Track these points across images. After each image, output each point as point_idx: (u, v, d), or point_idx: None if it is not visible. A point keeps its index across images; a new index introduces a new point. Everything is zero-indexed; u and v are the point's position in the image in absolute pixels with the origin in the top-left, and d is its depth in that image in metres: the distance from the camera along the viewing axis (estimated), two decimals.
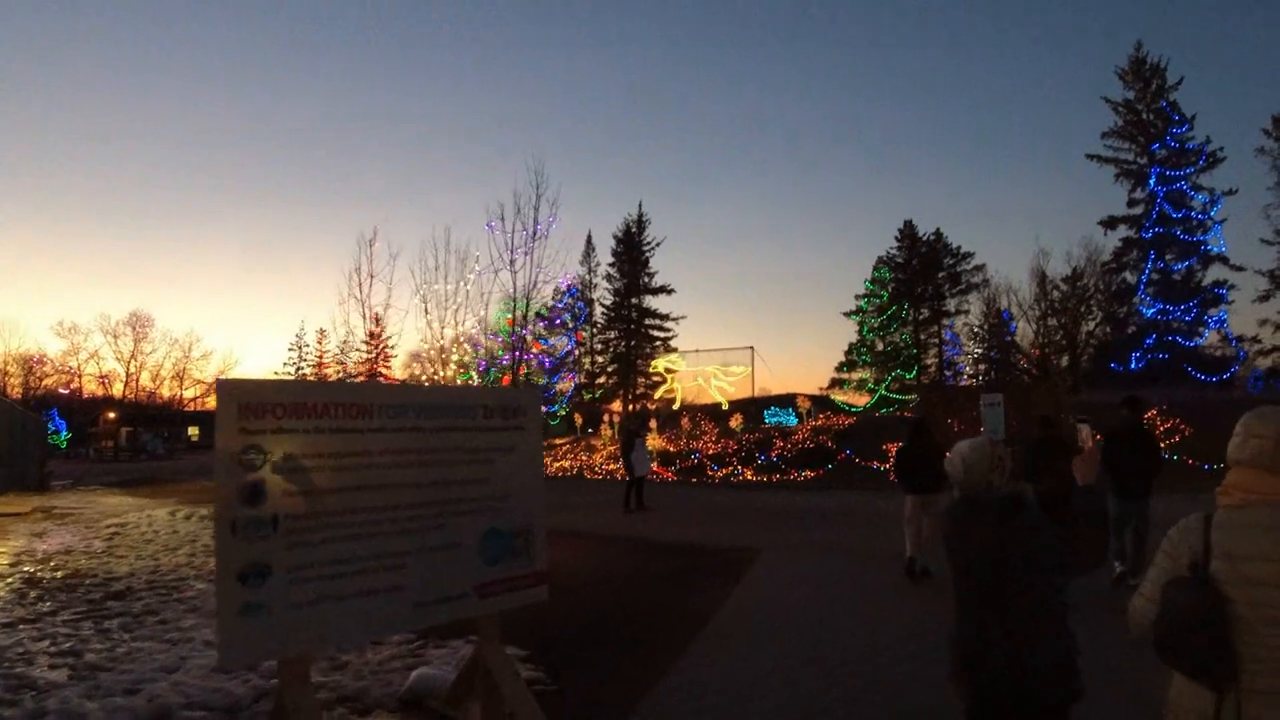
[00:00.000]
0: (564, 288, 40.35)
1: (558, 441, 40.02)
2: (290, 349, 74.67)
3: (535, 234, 9.10)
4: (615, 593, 9.52)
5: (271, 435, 4.50)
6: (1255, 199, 65.20)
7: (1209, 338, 35.46)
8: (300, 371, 70.31)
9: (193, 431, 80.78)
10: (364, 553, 4.68)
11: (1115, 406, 10.03)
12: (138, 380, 66.35)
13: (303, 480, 4.55)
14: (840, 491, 21.37)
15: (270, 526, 4.39)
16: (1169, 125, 37.53)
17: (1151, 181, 37.02)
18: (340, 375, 79.39)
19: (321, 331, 67.61)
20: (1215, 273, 36.57)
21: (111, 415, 64.86)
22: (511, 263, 9.40)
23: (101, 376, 65.67)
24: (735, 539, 13.23)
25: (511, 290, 9.29)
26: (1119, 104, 39.74)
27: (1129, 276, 38.92)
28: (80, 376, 66.04)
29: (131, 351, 63.08)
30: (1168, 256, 36.69)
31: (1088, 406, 23.98)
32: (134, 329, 62.66)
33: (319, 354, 72.43)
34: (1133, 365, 34.45)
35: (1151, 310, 35.94)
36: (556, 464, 33.94)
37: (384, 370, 76.70)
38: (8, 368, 62.87)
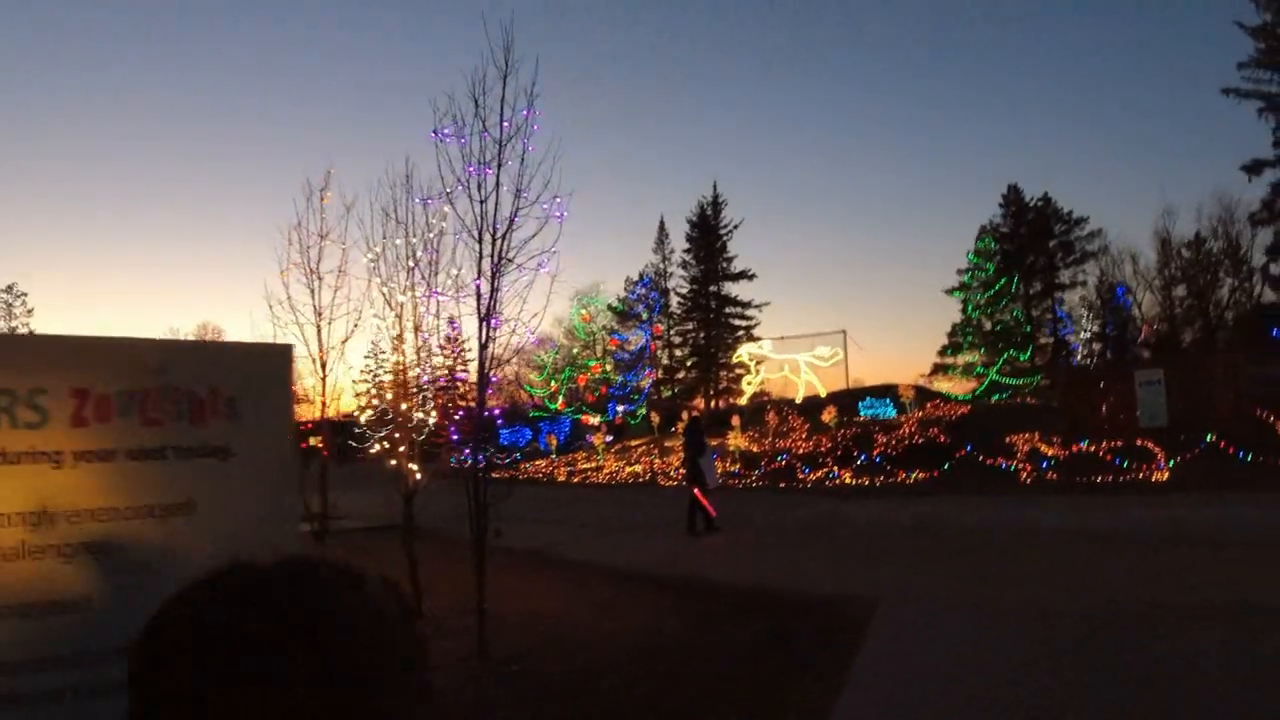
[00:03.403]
0: (545, 249, 37.17)
1: (634, 443, 36.70)
2: (366, 356, 73.26)
3: (504, 137, 5.59)
4: (640, 698, 5.88)
5: None
6: None
7: None
8: (376, 381, 68.38)
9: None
10: None
11: None
12: None
13: None
14: (966, 498, 17.21)
15: None
16: None
17: None
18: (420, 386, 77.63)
19: (399, 337, 65.63)
20: None
21: None
22: (479, 185, 5.80)
23: None
24: (837, 580, 9.42)
25: (475, 227, 5.85)
26: (1256, 28, 34.11)
27: None
28: None
29: None
30: None
31: (1263, 382, 19.31)
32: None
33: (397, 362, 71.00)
34: None
35: None
36: (629, 469, 30.50)
37: (462, 374, 74.81)
38: None
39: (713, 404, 47.43)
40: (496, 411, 8.10)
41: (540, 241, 6.55)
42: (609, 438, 38.97)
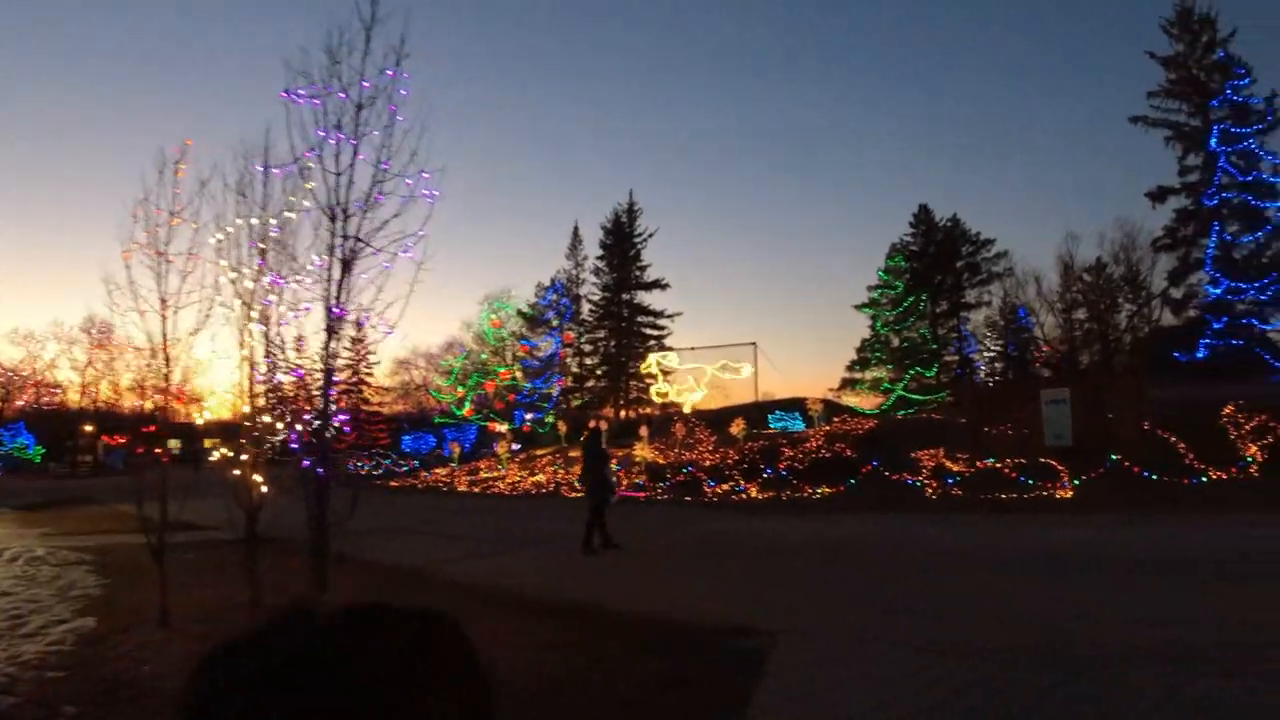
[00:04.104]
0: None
1: (539, 452, 35.70)
2: (266, 354, 70.75)
3: (363, 99, 4.63)
4: None
5: None
6: None
7: None
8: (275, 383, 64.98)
9: (173, 444, 76.95)
10: None
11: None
12: (97, 391, 62.04)
13: None
14: (871, 515, 16.83)
15: None
16: (1228, 79, 32.92)
17: (1213, 141, 32.28)
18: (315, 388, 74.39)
19: (300, 337, 63.14)
20: None
21: (89, 428, 61.33)
22: (336, 156, 4.83)
23: (84, 387, 61.70)
24: (738, 606, 8.70)
25: (330, 201, 4.89)
26: (1168, 58, 35.25)
27: (1186, 253, 34.51)
28: (38, 387, 62.01)
29: (88, 360, 58.64)
30: (1234, 227, 32.05)
31: (1163, 404, 19.56)
32: (90, 336, 58.12)
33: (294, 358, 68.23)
34: (1199, 354, 29.79)
35: (1218, 289, 31.18)
36: (533, 479, 29.52)
37: (367, 378, 72.19)
38: None
39: (622, 413, 46.78)
40: (343, 418, 7.11)
41: (404, 225, 5.65)
42: (516, 446, 37.93)
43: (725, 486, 22.35)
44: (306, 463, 6.28)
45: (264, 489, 6.95)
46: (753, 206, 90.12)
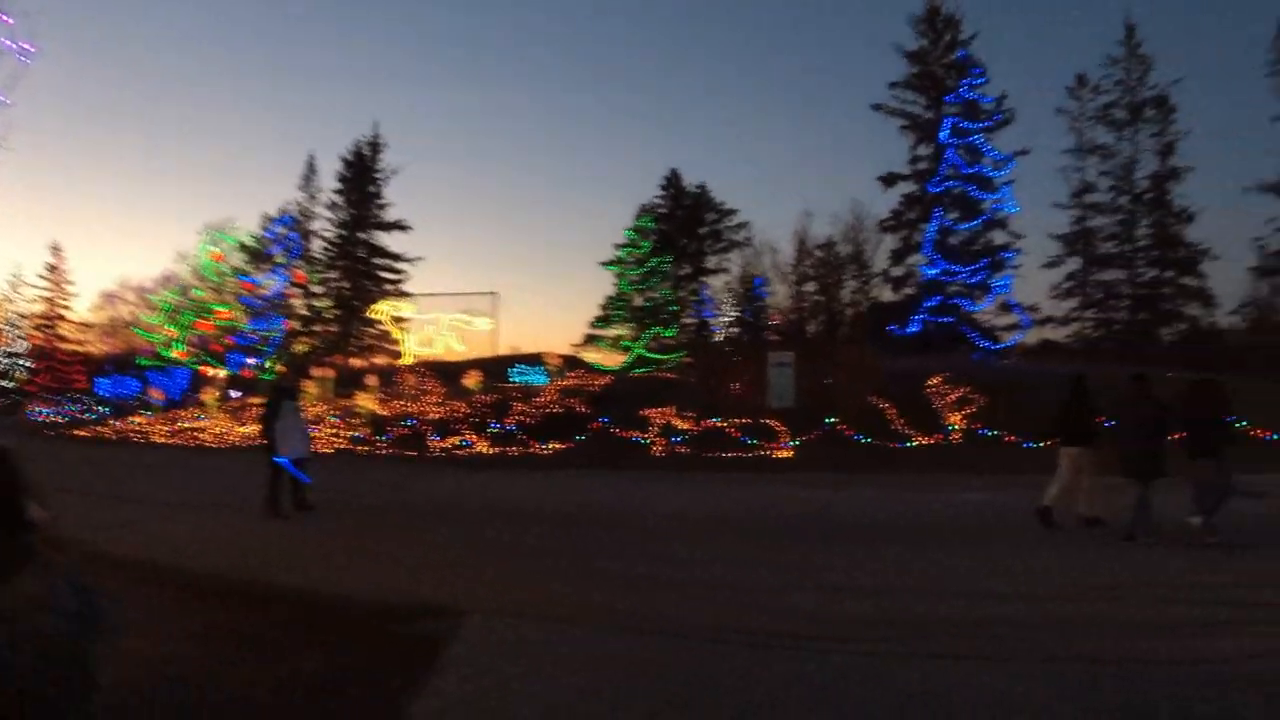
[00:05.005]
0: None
1: (254, 400, 32.69)
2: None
3: None
4: None
5: None
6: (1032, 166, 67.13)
7: (992, 303, 34.42)
8: None
9: None
10: None
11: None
12: None
13: None
14: (598, 472, 16.57)
15: None
16: (964, 77, 35.74)
17: (944, 133, 34.97)
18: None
19: None
20: (1003, 237, 35.77)
21: None
22: None
23: None
24: (428, 581, 7.80)
25: None
26: (911, 53, 37.86)
27: (908, 236, 37.40)
28: None
29: None
30: (953, 215, 35.08)
31: (878, 374, 20.86)
32: None
33: None
34: (912, 328, 32.49)
35: (934, 271, 34.09)
36: (241, 429, 26.92)
37: (64, 312, 63.35)
38: None
39: (353, 360, 44.15)
40: None
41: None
42: (236, 393, 34.72)
43: (451, 441, 21.37)
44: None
45: None
46: (505, 157, 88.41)
